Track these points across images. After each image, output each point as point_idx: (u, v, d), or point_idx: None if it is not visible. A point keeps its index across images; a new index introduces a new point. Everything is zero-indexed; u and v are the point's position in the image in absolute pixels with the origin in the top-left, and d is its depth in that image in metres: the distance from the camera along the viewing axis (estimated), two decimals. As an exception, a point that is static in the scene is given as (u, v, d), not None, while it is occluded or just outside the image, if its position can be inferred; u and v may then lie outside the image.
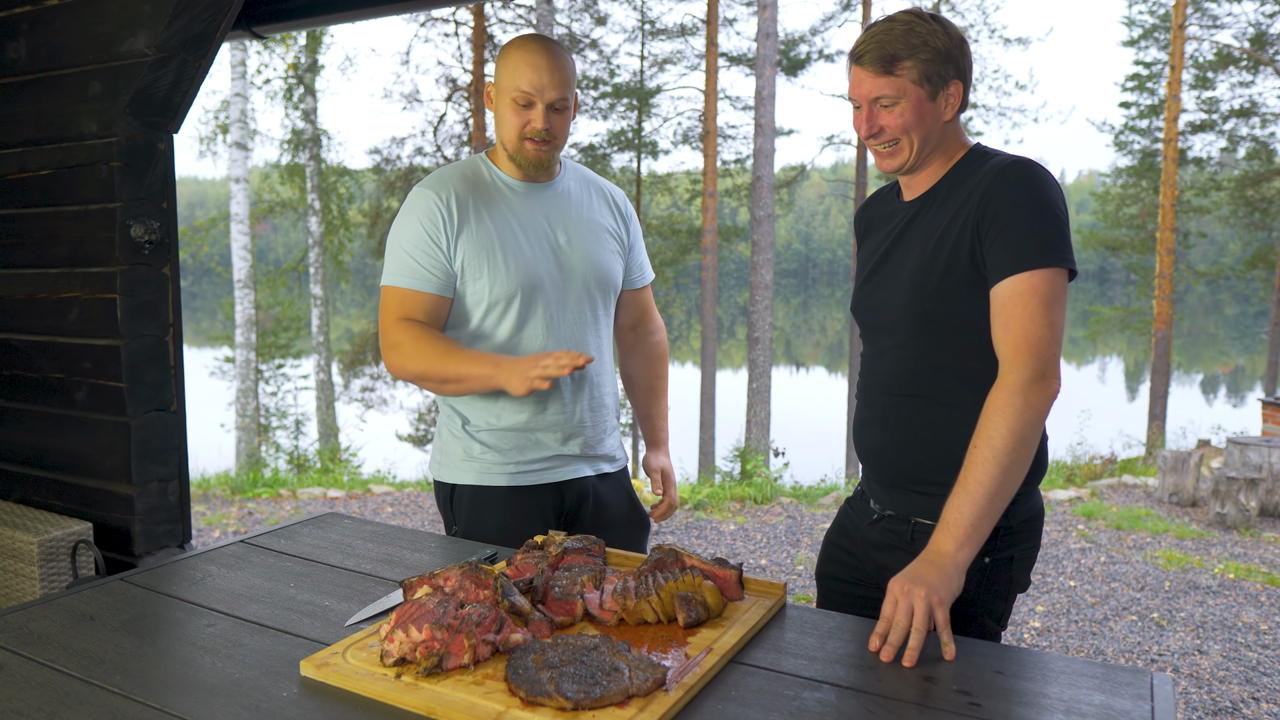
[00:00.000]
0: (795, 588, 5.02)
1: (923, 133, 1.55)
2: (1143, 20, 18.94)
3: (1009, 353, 1.43)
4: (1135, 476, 7.98)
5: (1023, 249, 1.43)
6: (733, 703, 1.12)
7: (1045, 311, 1.42)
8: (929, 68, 1.51)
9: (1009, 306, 1.44)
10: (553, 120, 1.85)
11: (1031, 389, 1.41)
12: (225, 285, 19.35)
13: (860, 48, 1.54)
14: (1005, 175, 1.48)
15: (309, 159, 16.69)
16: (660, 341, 2.25)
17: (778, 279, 29.46)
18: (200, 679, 1.17)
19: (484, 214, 1.89)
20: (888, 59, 1.51)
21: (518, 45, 1.86)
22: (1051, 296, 1.43)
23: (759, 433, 13.41)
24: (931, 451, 1.57)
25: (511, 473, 1.92)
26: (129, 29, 2.26)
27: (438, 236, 1.86)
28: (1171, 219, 15.52)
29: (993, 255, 1.46)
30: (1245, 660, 3.99)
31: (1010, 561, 1.58)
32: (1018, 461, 1.40)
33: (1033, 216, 1.44)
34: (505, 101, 1.86)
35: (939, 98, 1.54)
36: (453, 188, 1.89)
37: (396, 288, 1.87)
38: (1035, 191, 1.45)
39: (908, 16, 1.53)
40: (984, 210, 1.48)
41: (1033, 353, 1.41)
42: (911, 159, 1.57)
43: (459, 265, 1.87)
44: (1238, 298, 38.03)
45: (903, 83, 1.52)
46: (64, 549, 2.31)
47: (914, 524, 1.61)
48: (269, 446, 14.91)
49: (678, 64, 18.21)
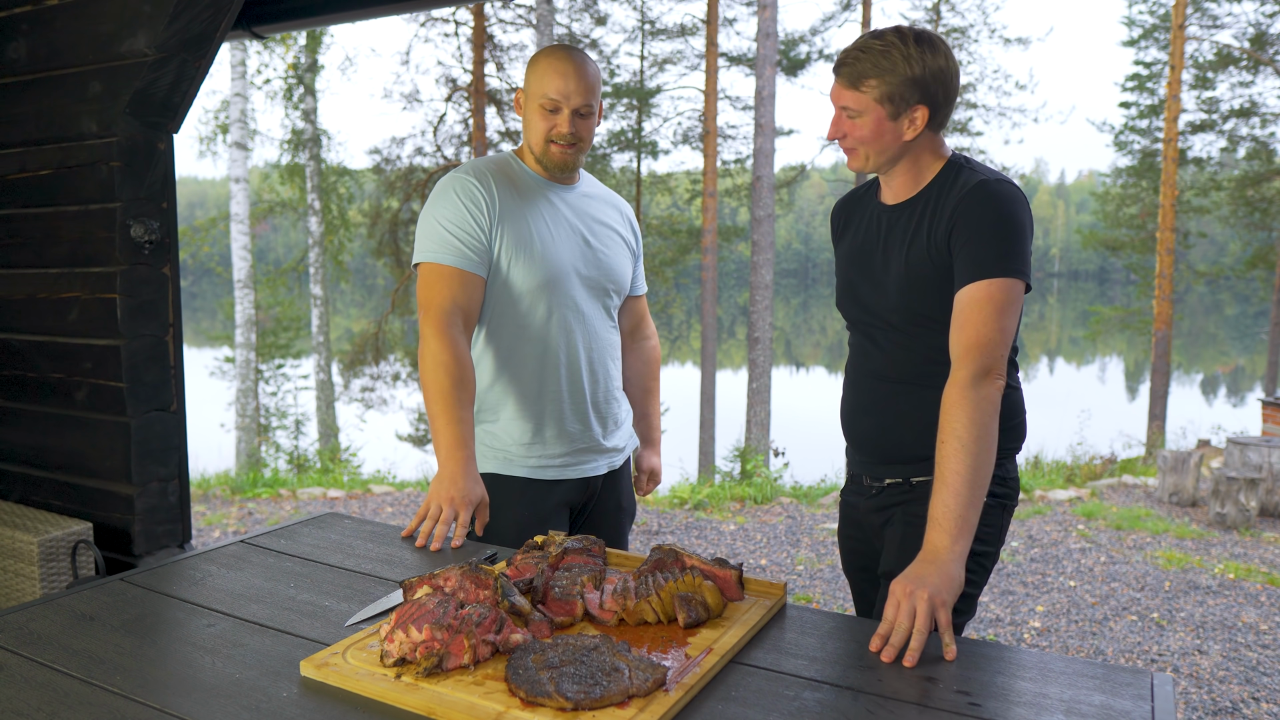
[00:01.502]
0: (795, 588, 5.02)
1: (879, 147, 1.67)
2: (1143, 20, 18.93)
3: (960, 352, 1.54)
4: (1135, 476, 7.98)
5: (983, 259, 1.56)
6: (733, 703, 1.12)
7: (998, 316, 1.54)
8: (893, 90, 1.61)
9: (966, 311, 1.56)
10: (578, 125, 1.94)
11: (980, 383, 1.51)
12: (225, 285, 19.35)
13: (840, 57, 1.66)
14: (974, 194, 1.60)
15: (309, 159, 16.69)
16: (654, 346, 2.38)
17: (778, 279, 29.48)
18: (200, 679, 1.17)
19: (521, 204, 1.95)
20: (856, 75, 1.62)
21: (546, 54, 1.94)
22: (1005, 303, 1.55)
23: (759, 433, 13.41)
24: (920, 429, 1.69)
25: (533, 466, 1.99)
26: (129, 29, 2.26)
27: (479, 217, 1.90)
28: (1171, 219, 15.52)
29: (958, 264, 1.60)
30: (1245, 660, 3.99)
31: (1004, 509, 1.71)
32: (985, 448, 1.49)
33: (994, 231, 1.57)
34: (533, 107, 1.94)
35: (900, 119, 1.64)
36: (491, 176, 1.95)
37: (437, 264, 1.88)
38: (999, 208, 1.58)
39: (893, 38, 1.62)
40: (953, 225, 1.61)
41: (981, 351, 1.52)
42: (870, 165, 1.70)
43: (500, 250, 1.91)
44: (1238, 298, 38.05)
45: (866, 100, 1.63)
46: (64, 549, 2.31)
47: (914, 483, 1.74)
48: (269, 446, 14.91)
49: (678, 64, 18.21)
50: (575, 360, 1.99)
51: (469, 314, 1.88)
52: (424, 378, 1.81)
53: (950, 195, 1.64)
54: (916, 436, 1.72)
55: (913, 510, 1.73)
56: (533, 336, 1.96)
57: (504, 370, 1.98)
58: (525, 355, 1.97)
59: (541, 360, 1.97)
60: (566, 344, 1.98)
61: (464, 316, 1.86)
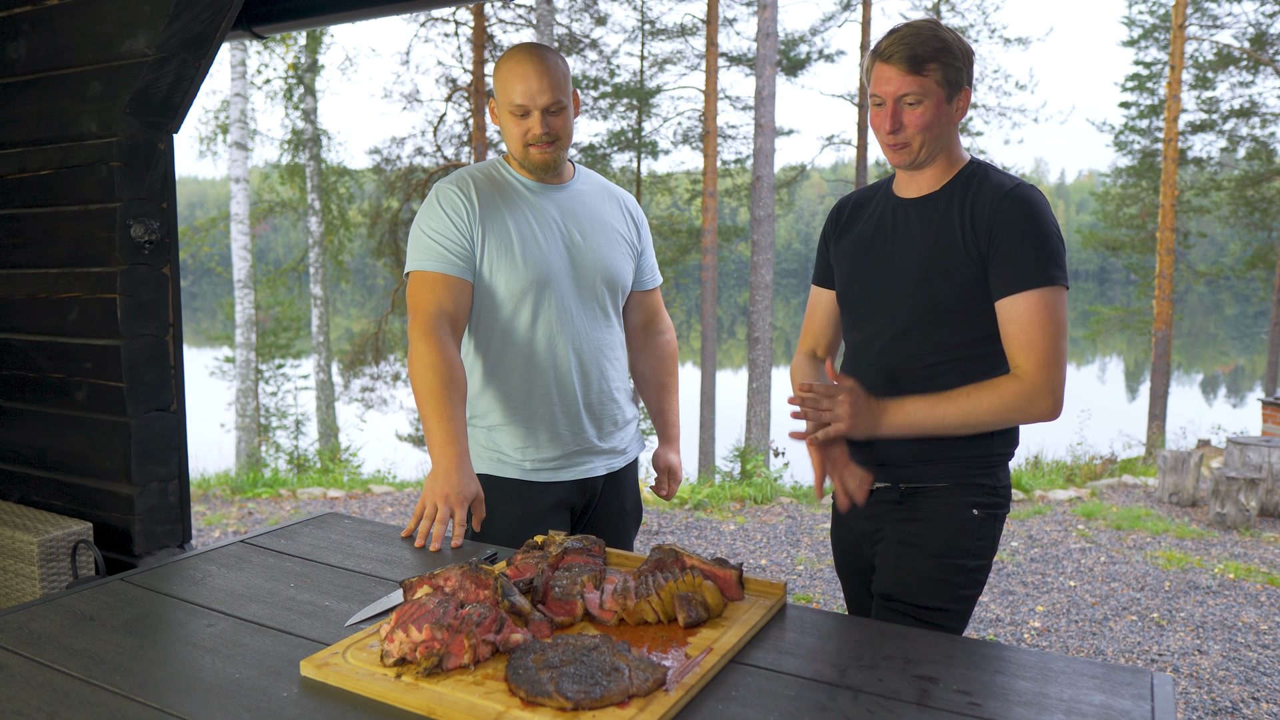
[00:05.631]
0: (795, 588, 5.02)
1: (937, 132, 1.67)
2: (1143, 20, 18.94)
3: (1032, 368, 1.61)
4: (1135, 476, 7.98)
5: (1032, 268, 1.60)
6: (733, 703, 1.12)
7: (1059, 331, 1.62)
8: (950, 72, 1.64)
9: (1029, 327, 1.61)
10: (551, 123, 1.93)
11: (1042, 401, 1.60)
12: (225, 285, 19.35)
13: (889, 48, 1.64)
14: (1013, 200, 1.63)
15: (309, 159, 16.69)
16: (670, 341, 2.33)
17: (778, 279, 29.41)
18: (200, 679, 1.17)
19: (503, 209, 1.96)
20: (916, 60, 1.62)
21: (507, 59, 1.93)
22: (1061, 313, 1.63)
23: (759, 433, 13.41)
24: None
25: (527, 469, 1.98)
26: (129, 29, 2.26)
27: (461, 224, 1.92)
28: (1171, 219, 15.52)
29: (1001, 270, 1.62)
30: (1245, 660, 3.99)
31: (995, 519, 1.74)
32: (971, 426, 1.62)
33: (1039, 239, 1.61)
34: (505, 114, 1.95)
35: (954, 101, 1.67)
36: (474, 183, 1.97)
37: (424, 272, 1.91)
38: (1041, 215, 1.63)
39: (931, 23, 1.65)
40: (992, 228, 1.63)
41: (1054, 371, 1.61)
42: (921, 156, 1.69)
43: (481, 255, 1.93)
44: (1238, 298, 38.02)
45: (929, 83, 1.63)
46: (64, 549, 2.31)
47: (902, 489, 1.75)
48: (269, 446, 14.91)
49: (678, 64, 18.22)
50: (564, 364, 1.98)
51: (456, 318, 1.89)
52: (414, 380, 1.81)
53: (982, 196, 1.65)
54: (909, 439, 1.69)
55: (905, 530, 1.72)
56: (518, 342, 1.96)
57: (492, 377, 1.99)
58: (512, 361, 1.97)
59: (528, 365, 1.97)
60: (554, 348, 1.97)
61: (451, 320, 1.87)
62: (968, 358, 1.69)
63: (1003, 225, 1.62)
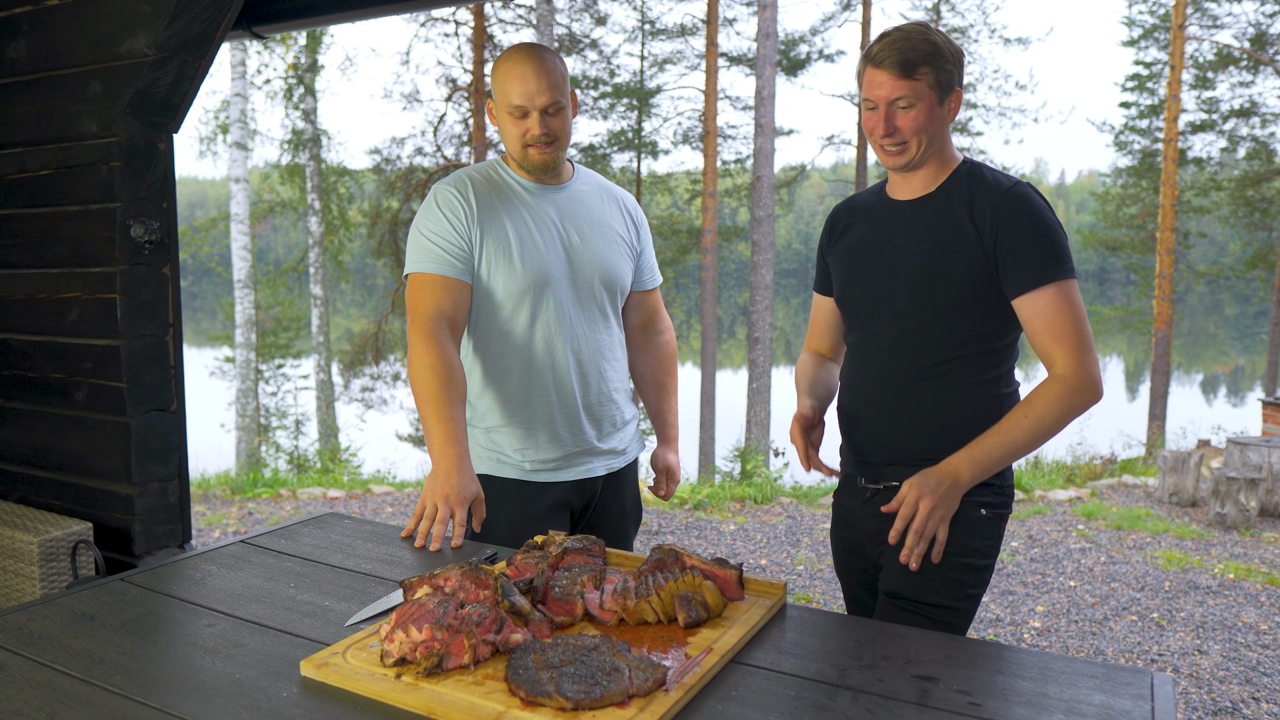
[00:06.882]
0: (795, 588, 5.02)
1: (930, 134, 1.68)
2: (1143, 20, 18.93)
3: (1070, 358, 1.63)
4: (1135, 476, 7.97)
5: (1045, 263, 1.62)
6: (733, 703, 1.12)
7: (1083, 318, 1.64)
8: (942, 75, 1.65)
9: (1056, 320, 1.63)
10: (549, 123, 1.92)
11: (1087, 390, 1.63)
12: (225, 285, 19.35)
13: (880, 52, 1.65)
14: (1014, 198, 1.65)
15: (309, 159, 16.68)
16: (669, 341, 2.33)
17: (778, 279, 29.41)
18: (200, 679, 1.17)
19: (500, 211, 1.96)
20: (908, 64, 1.63)
21: (505, 60, 1.93)
22: (1079, 301, 1.65)
23: (759, 433, 13.41)
24: (931, 428, 1.72)
25: (527, 470, 1.99)
26: (129, 29, 2.26)
27: (459, 226, 1.92)
28: (1171, 219, 15.51)
29: (1013, 267, 1.64)
30: (1245, 660, 3.99)
31: (1000, 519, 1.75)
32: (1041, 439, 1.63)
33: (1046, 234, 1.64)
34: (503, 115, 1.95)
35: (945, 103, 1.68)
36: (472, 184, 1.97)
37: (423, 274, 1.91)
38: (1043, 212, 1.66)
39: (921, 27, 1.67)
40: (997, 227, 1.64)
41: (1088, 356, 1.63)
42: (916, 158, 1.70)
43: (480, 257, 1.93)
44: (1238, 298, 38.02)
45: (920, 86, 1.64)
46: (64, 549, 2.31)
47: None
48: (269, 446, 14.91)
49: (678, 64, 18.21)
50: (563, 365, 1.98)
51: (455, 319, 1.89)
52: (413, 381, 1.81)
53: (982, 195, 1.67)
54: (920, 434, 1.72)
55: None
56: (517, 344, 1.96)
57: (491, 379, 1.99)
58: (511, 363, 1.97)
59: (527, 367, 1.97)
60: (553, 350, 1.97)
61: (450, 321, 1.87)
62: (968, 356, 1.70)
63: (1008, 224, 1.63)
